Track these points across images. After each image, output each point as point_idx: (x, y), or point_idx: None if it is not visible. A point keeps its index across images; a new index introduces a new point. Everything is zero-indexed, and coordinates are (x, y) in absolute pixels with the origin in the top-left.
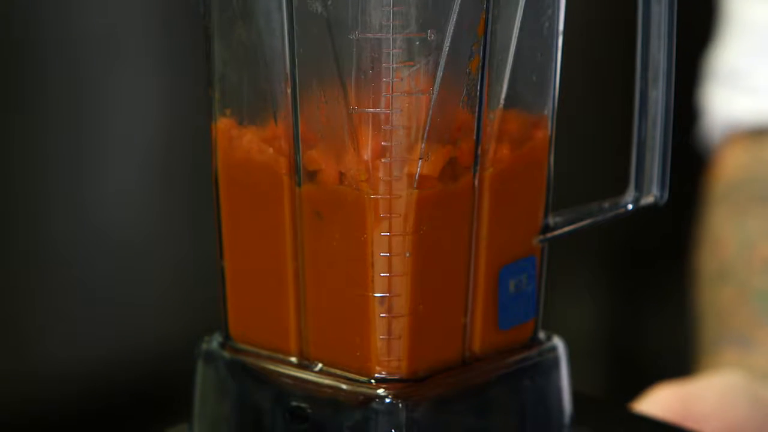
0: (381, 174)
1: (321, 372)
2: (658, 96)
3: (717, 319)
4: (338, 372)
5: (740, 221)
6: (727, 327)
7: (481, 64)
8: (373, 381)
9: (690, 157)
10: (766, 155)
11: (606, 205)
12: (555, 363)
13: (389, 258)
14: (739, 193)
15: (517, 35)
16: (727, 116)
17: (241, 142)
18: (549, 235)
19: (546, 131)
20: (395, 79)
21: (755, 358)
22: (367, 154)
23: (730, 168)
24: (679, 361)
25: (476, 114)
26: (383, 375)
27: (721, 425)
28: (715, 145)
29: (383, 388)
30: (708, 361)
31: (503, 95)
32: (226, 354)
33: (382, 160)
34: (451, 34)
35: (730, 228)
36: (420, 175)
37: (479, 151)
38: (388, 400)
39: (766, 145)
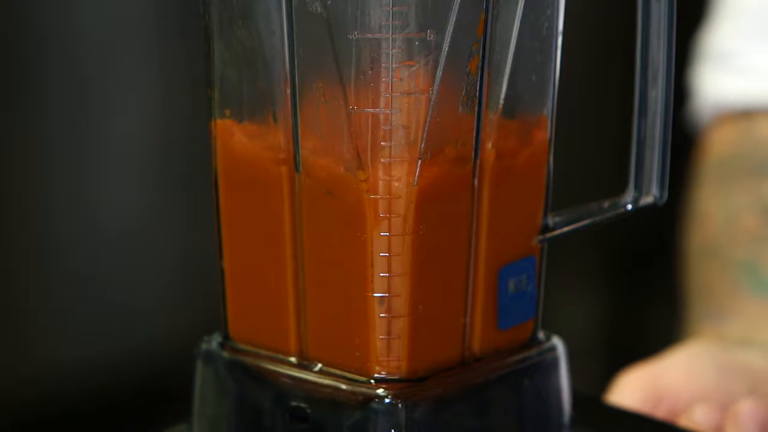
0: (380, 174)
1: (320, 372)
2: (658, 95)
3: (701, 295)
4: (338, 372)
5: (726, 196)
6: (709, 302)
7: (480, 64)
8: (372, 381)
9: (681, 148)
10: (753, 132)
11: (606, 205)
12: (554, 363)
13: (389, 258)
14: (726, 168)
15: (516, 35)
16: (717, 97)
17: (241, 143)
18: (549, 235)
19: (545, 131)
20: (395, 79)
21: (730, 327)
22: (366, 154)
23: (717, 145)
24: None
25: (476, 114)
26: (383, 375)
27: (690, 396)
28: (704, 126)
29: (383, 388)
30: (690, 338)
31: (503, 95)
32: (226, 354)
33: (382, 160)
34: (450, 34)
35: (716, 203)
36: (419, 175)
37: (479, 151)
38: (387, 400)
39: (754, 122)
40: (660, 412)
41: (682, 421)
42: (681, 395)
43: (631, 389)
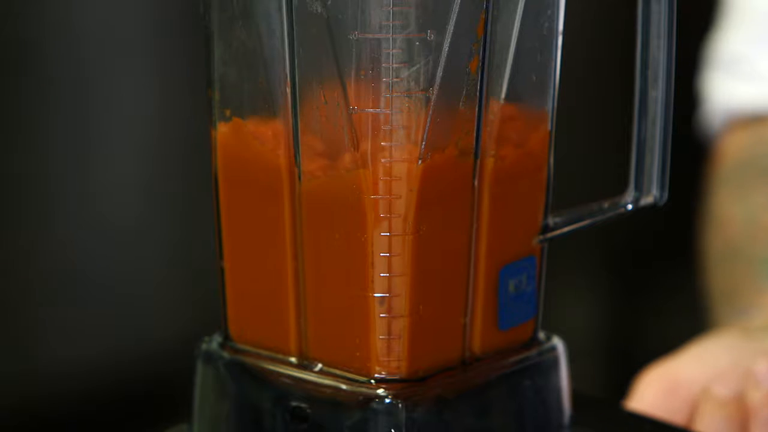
0: (381, 174)
1: (321, 372)
2: (658, 96)
3: (726, 297)
4: (338, 372)
5: (744, 198)
6: (734, 302)
7: (480, 64)
8: (373, 381)
9: (689, 154)
10: (766, 134)
11: (606, 205)
12: (554, 363)
13: (389, 258)
14: (743, 172)
15: (516, 35)
16: (728, 103)
17: (241, 142)
18: (549, 235)
19: (546, 131)
20: (395, 80)
21: (754, 320)
22: (366, 155)
23: (732, 150)
24: None
25: (476, 114)
26: (383, 375)
27: (706, 379)
28: (715, 132)
29: (383, 388)
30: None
31: (503, 95)
32: (226, 354)
33: (382, 160)
34: (450, 34)
35: (735, 207)
36: (420, 176)
37: (479, 152)
38: (387, 401)
39: (767, 125)
40: (678, 402)
41: (704, 405)
42: (696, 381)
43: (649, 386)
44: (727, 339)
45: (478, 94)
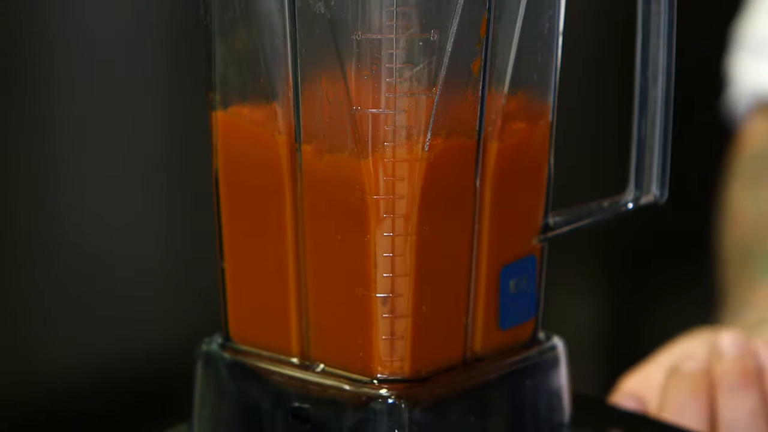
0: (384, 174)
1: (323, 373)
2: (658, 95)
3: (732, 295)
4: (340, 372)
5: (755, 193)
6: (736, 300)
7: (483, 64)
8: (375, 381)
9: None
10: None
11: (606, 204)
12: (555, 363)
13: (392, 258)
14: (756, 164)
15: (518, 35)
16: (754, 87)
17: (242, 143)
18: (549, 234)
19: (546, 131)
20: (398, 80)
21: (745, 318)
22: (369, 155)
23: (750, 139)
24: None
25: (478, 114)
26: (385, 375)
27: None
28: (740, 116)
29: (385, 388)
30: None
31: (504, 95)
32: (227, 355)
33: (385, 160)
34: (453, 34)
35: (746, 201)
36: (422, 176)
37: (481, 151)
38: (390, 401)
39: None
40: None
41: (670, 380)
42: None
43: (624, 394)
44: (703, 337)
45: (480, 94)
